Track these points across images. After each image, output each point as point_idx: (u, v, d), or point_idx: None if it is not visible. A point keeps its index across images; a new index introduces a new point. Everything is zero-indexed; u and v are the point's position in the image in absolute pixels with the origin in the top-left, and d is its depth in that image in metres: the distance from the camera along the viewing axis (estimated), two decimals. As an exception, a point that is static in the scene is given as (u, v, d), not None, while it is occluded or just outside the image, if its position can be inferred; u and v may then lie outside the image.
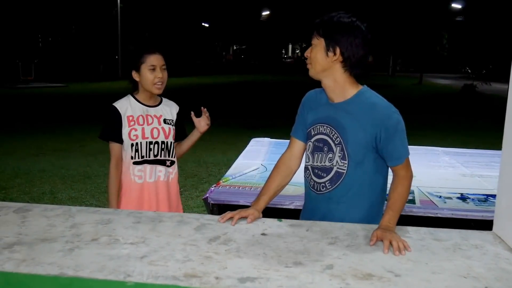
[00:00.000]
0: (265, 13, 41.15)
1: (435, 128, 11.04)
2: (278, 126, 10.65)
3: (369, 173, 1.93)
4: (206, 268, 1.44)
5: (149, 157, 2.53)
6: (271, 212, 2.16)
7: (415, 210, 3.00)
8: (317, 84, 2.03)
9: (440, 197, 3.28)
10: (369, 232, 1.75)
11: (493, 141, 4.65)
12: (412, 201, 3.16)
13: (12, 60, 24.32)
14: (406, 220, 2.87)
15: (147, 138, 2.51)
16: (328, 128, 1.95)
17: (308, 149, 2.05)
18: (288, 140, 2.19)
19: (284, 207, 2.92)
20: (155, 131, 2.54)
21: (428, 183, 3.62)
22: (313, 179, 2.02)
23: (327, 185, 1.97)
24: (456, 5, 29.39)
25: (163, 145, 2.56)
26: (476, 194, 3.38)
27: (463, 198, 3.29)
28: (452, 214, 2.97)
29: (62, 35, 29.55)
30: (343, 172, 1.92)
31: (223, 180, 3.58)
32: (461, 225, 2.65)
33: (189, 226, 1.80)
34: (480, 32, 24.67)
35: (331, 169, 1.95)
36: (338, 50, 1.87)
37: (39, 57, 27.32)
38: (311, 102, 2.07)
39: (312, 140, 2.02)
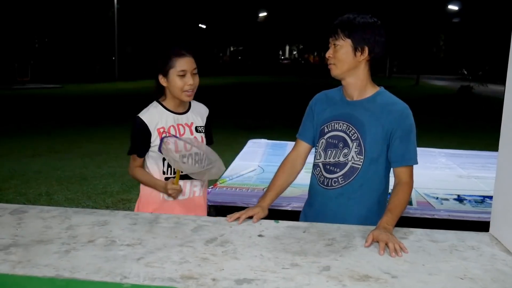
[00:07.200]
0: (262, 14, 41.20)
1: (431, 130, 11.04)
2: (275, 127, 10.67)
3: (381, 172, 1.98)
4: (202, 269, 1.44)
5: (182, 172, 2.28)
6: (268, 213, 2.16)
7: (412, 212, 3.00)
8: (314, 84, 2.05)
9: (437, 198, 3.28)
10: (365, 234, 1.74)
11: (490, 143, 4.66)
12: (409, 202, 3.16)
13: (8, 61, 24.28)
14: (403, 222, 2.87)
15: (180, 151, 2.25)
16: (344, 124, 1.98)
17: (320, 146, 2.06)
18: (286, 142, 2.26)
19: (281, 208, 2.92)
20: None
21: (424, 184, 3.62)
22: (323, 175, 2.03)
23: (339, 180, 1.99)
24: (453, 7, 29.48)
25: (197, 157, 2.30)
26: (472, 195, 3.39)
27: (459, 199, 3.30)
28: (448, 215, 2.98)
29: (59, 36, 29.49)
30: (358, 167, 1.95)
31: (220, 182, 3.57)
32: (457, 226, 2.66)
33: (186, 228, 1.80)
34: (476, 34, 24.75)
35: (346, 164, 1.97)
36: (366, 50, 1.91)
37: (35, 58, 27.27)
38: (322, 103, 2.10)
39: (326, 137, 2.04)
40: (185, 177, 2.30)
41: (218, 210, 3.13)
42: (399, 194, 1.89)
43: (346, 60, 1.92)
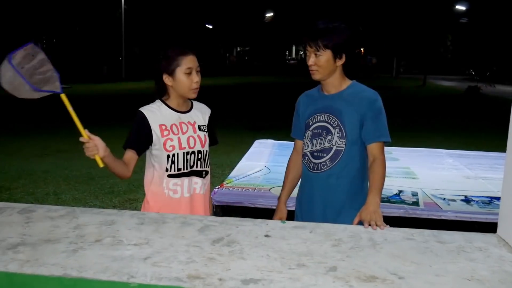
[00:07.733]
0: (269, 14, 41.20)
1: (439, 130, 11.01)
2: (282, 128, 10.64)
3: (362, 151, 2.22)
4: (209, 269, 1.44)
5: (186, 169, 2.31)
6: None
7: (419, 212, 2.99)
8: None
9: (444, 199, 3.27)
10: (373, 235, 1.75)
11: (497, 143, 4.64)
12: (416, 203, 3.16)
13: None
14: (410, 222, 2.87)
15: (184, 148, 2.29)
16: (326, 115, 2.25)
17: (307, 138, 2.30)
18: (292, 142, 2.49)
19: (288, 209, 2.92)
20: (191, 140, 2.31)
21: (432, 185, 3.61)
22: (312, 162, 2.27)
23: (327, 163, 2.23)
24: (460, 7, 29.35)
25: (199, 154, 2.34)
26: (480, 196, 3.37)
27: (467, 200, 3.28)
28: (456, 216, 2.97)
29: (66, 37, 29.65)
30: (342, 150, 2.21)
31: (227, 182, 3.58)
32: (465, 228, 2.65)
33: (192, 228, 1.80)
34: (484, 34, 24.63)
35: (331, 148, 2.22)
36: (344, 55, 2.19)
37: (43, 59, 27.38)
38: (304, 102, 2.39)
39: (311, 128, 2.29)
40: (185, 174, 2.32)
41: (224, 210, 3.14)
42: (376, 170, 2.13)
43: (328, 66, 2.18)
